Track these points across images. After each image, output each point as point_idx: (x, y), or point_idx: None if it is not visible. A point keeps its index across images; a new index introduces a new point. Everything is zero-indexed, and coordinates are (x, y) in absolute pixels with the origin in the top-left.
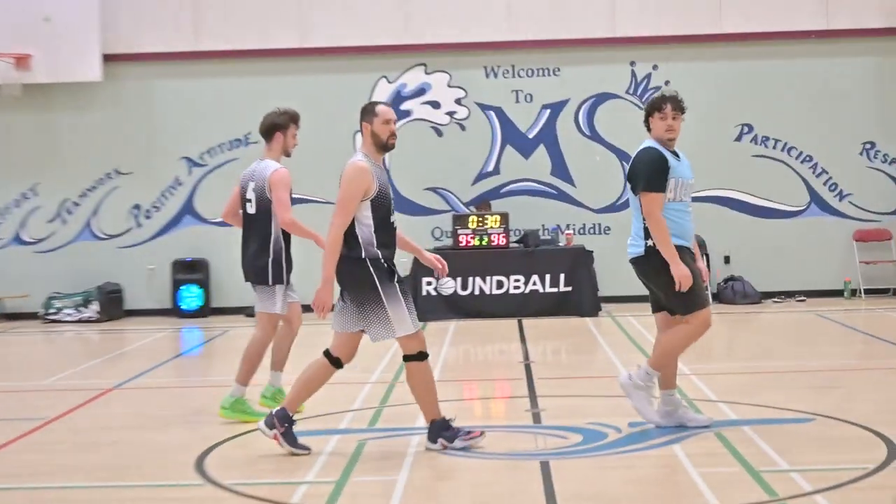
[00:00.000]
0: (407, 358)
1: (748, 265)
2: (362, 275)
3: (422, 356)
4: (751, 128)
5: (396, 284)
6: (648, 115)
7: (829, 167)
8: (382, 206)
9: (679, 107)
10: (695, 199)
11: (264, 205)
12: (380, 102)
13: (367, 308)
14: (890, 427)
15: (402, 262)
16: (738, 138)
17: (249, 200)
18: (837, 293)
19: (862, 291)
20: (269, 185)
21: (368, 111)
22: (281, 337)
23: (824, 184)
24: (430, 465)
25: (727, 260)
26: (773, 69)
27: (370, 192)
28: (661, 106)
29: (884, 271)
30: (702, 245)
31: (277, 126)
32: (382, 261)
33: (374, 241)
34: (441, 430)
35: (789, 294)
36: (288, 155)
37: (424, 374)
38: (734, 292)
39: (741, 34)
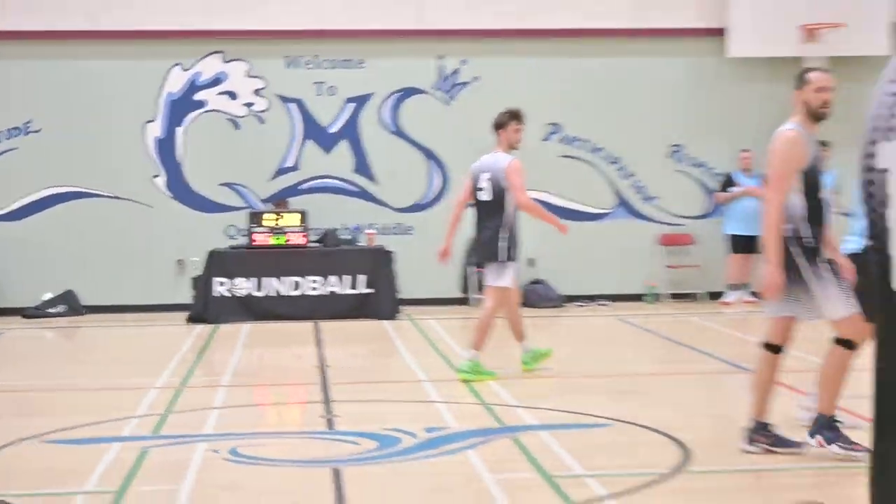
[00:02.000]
0: (838, 341)
1: (552, 268)
2: (788, 255)
3: (849, 345)
4: (559, 127)
5: (822, 264)
6: None
7: (637, 169)
8: (813, 180)
9: None
10: None
11: (499, 192)
12: (814, 69)
13: (794, 290)
14: (685, 432)
15: (194, 262)
16: (546, 138)
17: (482, 189)
18: (641, 297)
19: (666, 296)
20: (504, 174)
21: (801, 79)
22: (510, 312)
23: (631, 186)
24: (216, 473)
25: (531, 262)
26: (582, 67)
27: (803, 163)
28: None
29: (687, 276)
30: None
31: (500, 124)
32: (810, 238)
33: (805, 217)
34: (823, 428)
35: (592, 298)
36: (514, 148)
37: (843, 363)
38: (538, 296)
39: (552, 30)
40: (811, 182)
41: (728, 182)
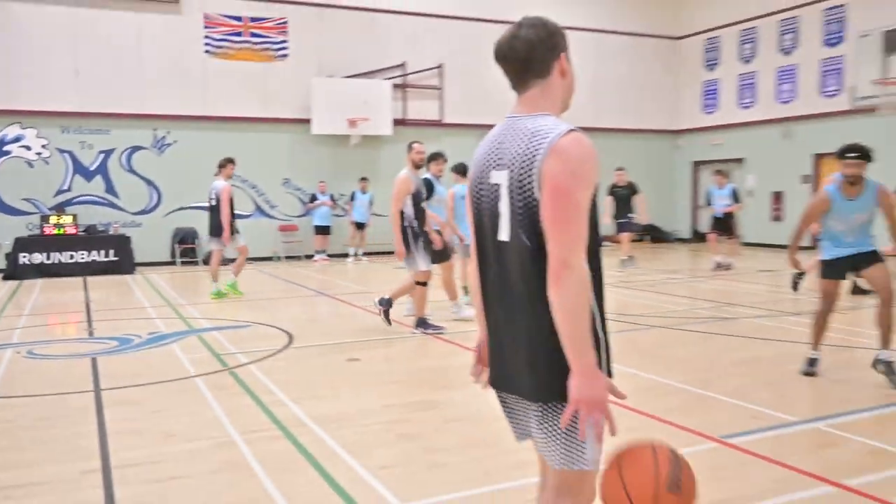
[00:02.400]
0: (417, 283)
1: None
2: (405, 235)
3: (422, 284)
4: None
5: (420, 241)
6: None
7: (266, 190)
8: (417, 200)
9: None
10: None
11: (218, 203)
12: (415, 142)
13: (409, 254)
14: (288, 324)
15: (7, 244)
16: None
17: (212, 199)
18: (271, 258)
19: (283, 257)
20: (220, 192)
21: (409, 147)
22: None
23: (263, 199)
24: (19, 364)
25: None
26: (230, 139)
27: (410, 190)
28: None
29: (294, 247)
30: None
31: (221, 165)
32: (416, 227)
33: (412, 215)
34: (421, 325)
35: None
36: (230, 177)
37: (422, 294)
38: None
39: (213, 117)
40: (417, 200)
41: (313, 198)
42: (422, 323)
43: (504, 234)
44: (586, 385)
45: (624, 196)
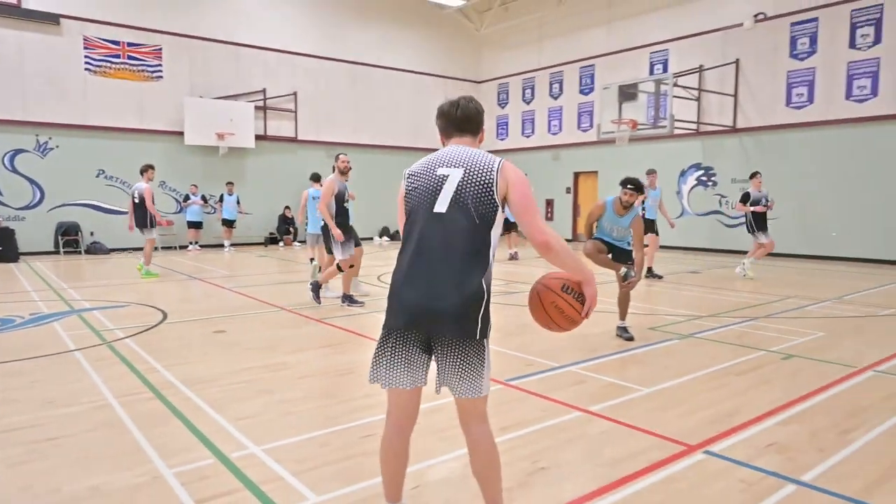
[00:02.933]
0: (338, 267)
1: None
2: (326, 229)
3: (340, 269)
4: (165, 181)
5: (338, 232)
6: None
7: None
8: (340, 200)
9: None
10: None
11: (143, 202)
12: (342, 153)
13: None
14: (164, 305)
15: None
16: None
17: (135, 196)
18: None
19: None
20: (143, 192)
21: (336, 157)
22: None
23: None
24: None
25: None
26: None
27: (335, 192)
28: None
29: (170, 239)
30: None
31: (143, 170)
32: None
33: (333, 214)
34: (346, 300)
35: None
36: (151, 180)
37: (333, 274)
38: (98, 248)
39: (103, 127)
40: (339, 200)
41: (186, 198)
42: (346, 298)
43: (442, 208)
44: (591, 287)
45: None
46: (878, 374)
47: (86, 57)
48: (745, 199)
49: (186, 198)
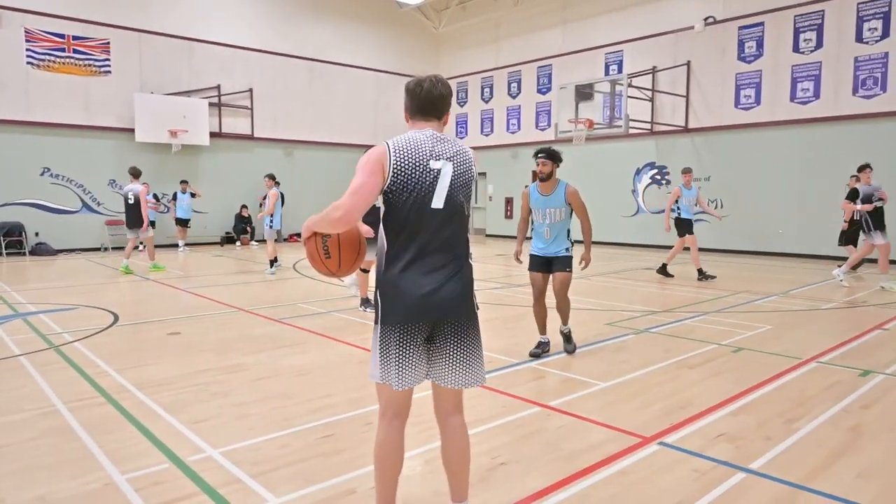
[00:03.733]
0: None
1: (46, 232)
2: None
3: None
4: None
5: None
6: None
7: (95, 192)
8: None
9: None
10: None
11: (137, 201)
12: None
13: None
14: (117, 308)
15: None
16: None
17: (128, 198)
18: (99, 249)
19: (110, 249)
20: (140, 192)
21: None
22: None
23: (91, 198)
24: None
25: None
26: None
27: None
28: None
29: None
30: None
31: (135, 174)
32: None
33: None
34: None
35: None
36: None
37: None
38: (44, 249)
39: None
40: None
41: (174, 196)
42: (365, 302)
43: (439, 203)
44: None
45: None
46: (821, 364)
47: (28, 50)
48: (854, 195)
49: (171, 196)
